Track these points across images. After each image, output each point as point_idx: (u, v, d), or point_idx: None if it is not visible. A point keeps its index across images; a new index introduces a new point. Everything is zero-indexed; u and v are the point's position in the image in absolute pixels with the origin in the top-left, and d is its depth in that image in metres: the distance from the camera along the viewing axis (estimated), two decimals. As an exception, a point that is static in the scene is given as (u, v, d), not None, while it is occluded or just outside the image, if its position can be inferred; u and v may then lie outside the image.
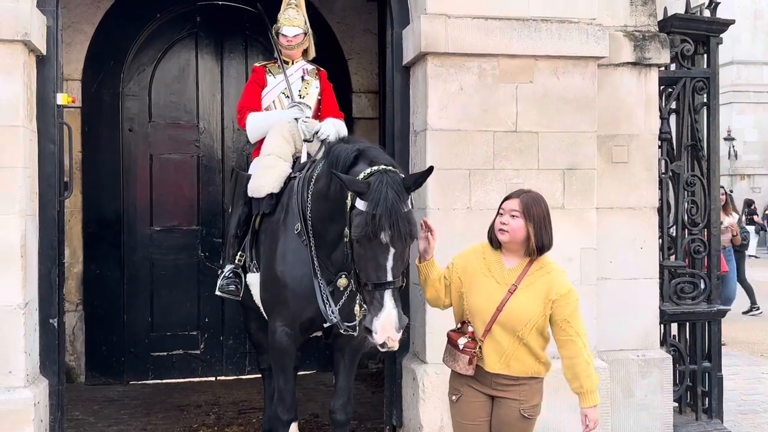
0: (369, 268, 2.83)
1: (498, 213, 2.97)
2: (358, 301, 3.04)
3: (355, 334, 3.47)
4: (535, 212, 2.88)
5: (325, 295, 3.40)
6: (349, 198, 2.93)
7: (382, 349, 2.86)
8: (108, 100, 6.08)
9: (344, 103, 6.43)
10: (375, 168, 2.96)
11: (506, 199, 2.97)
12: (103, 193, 6.07)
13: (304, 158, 4.02)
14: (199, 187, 6.30)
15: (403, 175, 2.98)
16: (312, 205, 3.44)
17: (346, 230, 2.93)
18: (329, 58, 5.61)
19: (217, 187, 6.32)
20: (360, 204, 2.86)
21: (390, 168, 2.97)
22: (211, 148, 6.36)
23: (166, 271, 6.21)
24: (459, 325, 3.02)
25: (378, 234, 2.79)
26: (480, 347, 2.91)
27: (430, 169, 2.95)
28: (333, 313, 3.40)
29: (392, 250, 2.83)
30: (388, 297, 2.81)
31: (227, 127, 6.33)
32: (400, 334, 2.85)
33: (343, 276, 3.41)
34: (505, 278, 2.91)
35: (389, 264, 2.83)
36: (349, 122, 5.74)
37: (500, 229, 2.91)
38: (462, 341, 2.93)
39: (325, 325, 3.56)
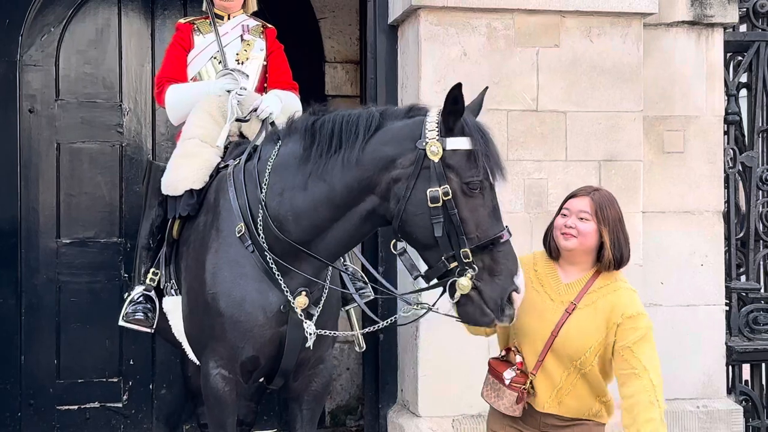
0: (489, 218, 2.95)
1: (560, 213, 3.05)
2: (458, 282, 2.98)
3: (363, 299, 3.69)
4: (611, 215, 2.98)
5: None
6: (436, 149, 2.98)
7: (506, 322, 2.93)
8: (1, 72, 6.04)
9: (315, 76, 6.45)
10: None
11: (571, 197, 3.07)
12: (-7, 194, 6.03)
13: (222, 139, 3.91)
14: (123, 187, 6.26)
15: None
16: (276, 186, 3.37)
17: (446, 188, 2.95)
18: (294, 16, 5.60)
19: (146, 186, 6.28)
20: (458, 142, 2.97)
21: None
22: (139, 134, 6.32)
23: (78, 297, 6.14)
24: (503, 353, 3.11)
25: (495, 174, 2.96)
26: (531, 382, 3.00)
27: (485, 89, 3.21)
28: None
29: (496, 192, 3.00)
30: (514, 248, 2.93)
31: (160, 108, 6.27)
32: None
33: (303, 294, 3.38)
34: (562, 295, 3.01)
35: (499, 208, 2.99)
36: (322, 101, 5.72)
37: (565, 233, 2.99)
38: (509, 374, 3.01)
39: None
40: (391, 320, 3.42)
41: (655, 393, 2.89)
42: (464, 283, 2.91)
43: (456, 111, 2.98)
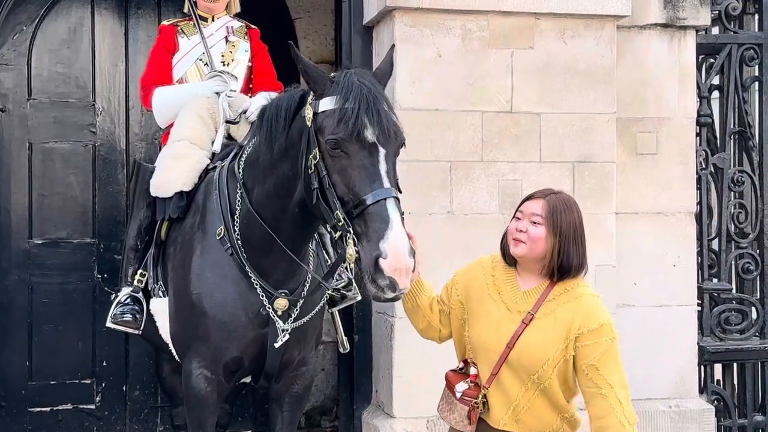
0: (359, 179, 2.78)
1: (515, 217, 2.91)
2: (348, 250, 2.78)
3: (349, 300, 3.65)
4: (564, 220, 2.81)
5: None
6: (308, 114, 2.93)
7: (390, 295, 2.69)
8: (-28, 71, 5.99)
9: (289, 76, 6.46)
10: (334, 73, 3.00)
11: (528, 199, 2.92)
12: (-37, 195, 5.97)
13: (218, 143, 3.97)
14: (96, 187, 6.21)
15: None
16: (248, 183, 3.39)
17: (315, 151, 2.87)
18: (269, 16, 5.59)
19: (119, 186, 6.24)
20: (326, 103, 2.87)
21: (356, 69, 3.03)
22: (112, 134, 6.28)
23: (51, 298, 6.10)
24: (461, 365, 2.98)
25: (361, 130, 2.79)
26: (485, 396, 2.86)
27: (392, 47, 3.06)
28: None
29: (382, 151, 2.82)
30: (392, 209, 2.72)
31: (134, 107, 6.26)
32: (414, 265, 2.72)
33: (283, 295, 3.39)
34: (519, 304, 2.86)
35: (383, 168, 2.80)
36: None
37: (515, 238, 2.85)
38: (461, 387, 2.89)
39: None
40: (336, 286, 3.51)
41: (623, 411, 2.76)
42: (349, 252, 2.73)
43: (317, 73, 2.92)
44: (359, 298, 3.82)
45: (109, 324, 4.04)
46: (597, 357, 2.77)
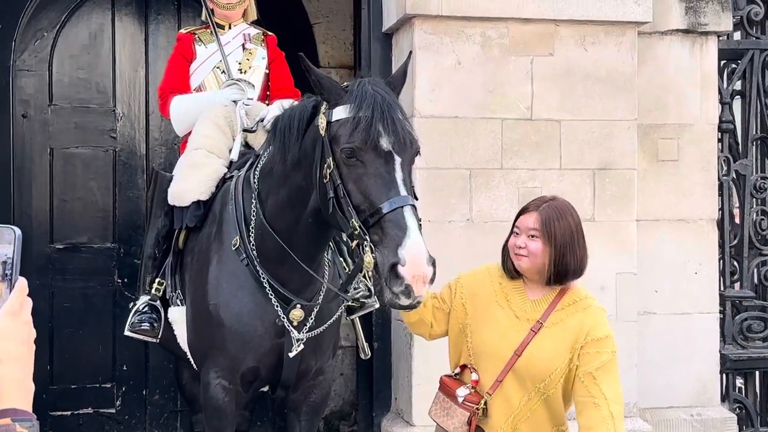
0: (375, 187, 2.77)
1: (512, 232, 2.89)
2: (365, 259, 2.77)
3: (367, 308, 3.61)
4: (558, 229, 2.80)
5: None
6: (322, 123, 2.92)
7: (405, 302, 2.68)
8: (-6, 77, 6.04)
9: (307, 83, 6.47)
10: (348, 82, 2.99)
11: (522, 212, 2.90)
12: (-15, 200, 6.02)
13: (235, 152, 3.98)
14: (116, 192, 6.26)
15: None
16: (263, 194, 3.40)
17: (329, 161, 2.86)
18: (288, 21, 5.61)
19: (139, 191, 6.28)
20: (340, 111, 2.87)
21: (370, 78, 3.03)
22: (132, 140, 6.32)
23: (72, 303, 6.15)
24: (458, 371, 2.95)
25: (377, 139, 2.78)
26: (485, 402, 2.83)
27: (409, 55, 3.06)
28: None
29: (398, 160, 2.81)
30: (409, 216, 2.71)
31: (153, 113, 6.29)
32: (432, 273, 2.68)
33: (298, 306, 3.39)
34: (527, 312, 2.85)
35: (399, 176, 2.79)
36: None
37: (517, 254, 2.83)
38: (462, 392, 2.85)
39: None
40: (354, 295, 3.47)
41: (614, 425, 2.73)
42: (366, 260, 2.71)
43: (330, 83, 2.91)
44: (377, 305, 3.81)
45: (127, 332, 4.05)
46: (596, 366, 2.76)
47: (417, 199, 2.85)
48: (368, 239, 2.73)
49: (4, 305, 1.36)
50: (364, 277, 3.69)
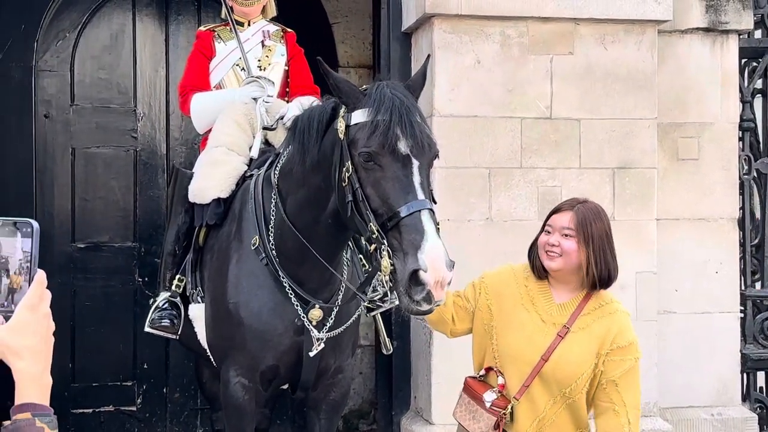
0: (393, 191, 2.76)
1: (543, 230, 2.87)
2: (382, 264, 2.78)
3: (387, 305, 3.51)
4: (595, 231, 2.78)
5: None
6: (341, 127, 2.92)
7: (425, 308, 2.67)
8: (17, 77, 6.07)
9: (326, 80, 6.49)
10: (366, 85, 2.99)
11: (555, 212, 2.88)
12: (8, 199, 6.06)
13: (255, 149, 3.99)
14: (137, 191, 6.30)
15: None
16: (283, 192, 3.41)
17: (348, 164, 2.86)
18: (307, 20, 5.62)
19: (160, 191, 6.31)
20: (358, 115, 2.86)
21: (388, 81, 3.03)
22: (153, 139, 6.35)
23: (93, 301, 6.19)
24: (483, 373, 2.95)
25: (395, 142, 2.77)
26: (512, 407, 2.83)
27: (428, 57, 3.10)
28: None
29: (416, 163, 2.80)
30: (427, 220, 2.70)
31: (174, 113, 6.33)
32: (452, 274, 2.68)
33: (317, 306, 3.41)
34: (554, 316, 2.83)
35: (416, 179, 2.79)
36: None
37: (549, 252, 2.81)
38: (489, 397, 2.84)
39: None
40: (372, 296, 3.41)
41: (631, 430, 2.78)
42: (384, 264, 2.70)
43: (348, 87, 2.91)
44: (397, 302, 3.81)
45: (147, 329, 4.06)
46: (619, 374, 2.78)
47: (435, 202, 2.85)
48: (386, 243, 2.73)
49: (23, 299, 1.38)
50: (382, 281, 3.71)
